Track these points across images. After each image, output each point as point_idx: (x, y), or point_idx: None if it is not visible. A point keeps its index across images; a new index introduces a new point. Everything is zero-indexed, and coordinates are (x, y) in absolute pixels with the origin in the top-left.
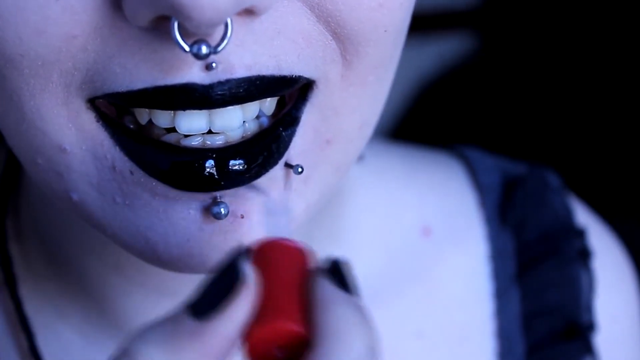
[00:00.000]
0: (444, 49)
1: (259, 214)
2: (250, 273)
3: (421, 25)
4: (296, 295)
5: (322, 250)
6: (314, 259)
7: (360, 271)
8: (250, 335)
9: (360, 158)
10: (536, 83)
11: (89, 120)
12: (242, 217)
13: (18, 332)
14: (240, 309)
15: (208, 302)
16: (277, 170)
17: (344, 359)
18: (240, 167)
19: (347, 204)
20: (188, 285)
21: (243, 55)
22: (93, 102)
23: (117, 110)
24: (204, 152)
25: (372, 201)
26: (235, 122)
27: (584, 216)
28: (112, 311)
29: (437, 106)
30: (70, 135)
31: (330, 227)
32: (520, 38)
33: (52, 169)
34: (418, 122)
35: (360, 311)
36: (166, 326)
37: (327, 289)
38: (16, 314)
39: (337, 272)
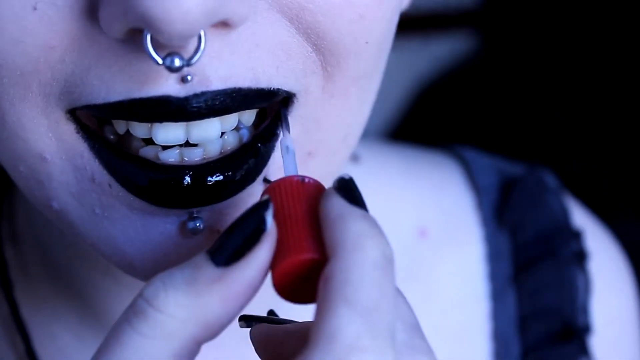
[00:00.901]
0: (445, 49)
1: None
2: (271, 221)
3: (422, 25)
4: (310, 225)
5: None
6: (323, 187)
7: None
8: (272, 274)
9: (357, 158)
10: (537, 83)
11: (69, 131)
12: (219, 232)
13: (14, 335)
14: (262, 255)
15: (231, 250)
16: (256, 186)
17: (360, 266)
18: (217, 184)
19: None
20: None
21: (219, 67)
22: (73, 113)
23: (97, 120)
24: (182, 169)
25: (368, 202)
26: (213, 133)
27: (581, 217)
28: (105, 313)
29: (437, 107)
30: (50, 145)
31: None
32: (520, 38)
33: (33, 177)
34: (418, 122)
35: (372, 222)
36: (186, 271)
37: (337, 206)
38: (12, 317)
39: (345, 188)
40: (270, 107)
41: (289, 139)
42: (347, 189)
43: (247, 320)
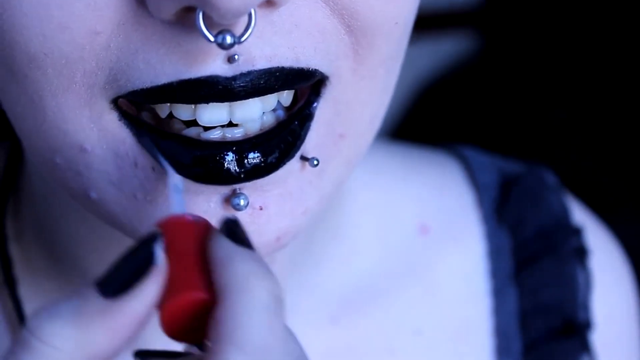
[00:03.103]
0: (446, 49)
1: (276, 205)
2: (161, 255)
3: (423, 24)
4: (198, 265)
5: (322, 248)
6: (212, 227)
7: (358, 269)
8: (160, 312)
9: None
10: (537, 83)
11: (111, 120)
12: (261, 208)
13: (17, 333)
14: (150, 289)
15: (119, 282)
16: (294, 163)
17: (249, 309)
18: (258, 160)
19: (347, 202)
20: None
21: (263, 47)
22: (116, 102)
23: (136, 107)
24: (224, 145)
25: (370, 200)
26: (255, 113)
27: (580, 214)
28: None
29: (438, 106)
30: (91, 136)
31: (330, 226)
32: (521, 38)
33: (71, 168)
34: (420, 121)
35: (260, 262)
36: (72, 303)
37: (223, 247)
38: (16, 314)
39: (231, 230)
40: (303, 90)
41: (177, 177)
42: (233, 230)
43: (143, 356)
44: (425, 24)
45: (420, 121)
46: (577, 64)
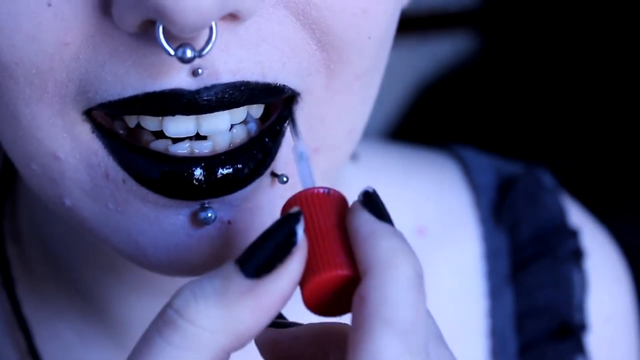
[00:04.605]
0: (445, 48)
1: (245, 219)
2: (302, 234)
3: (422, 25)
4: (339, 239)
5: None
6: (346, 199)
7: None
8: (303, 289)
9: (356, 157)
10: (537, 83)
11: (84, 132)
12: (229, 222)
13: (16, 332)
14: (294, 268)
15: (261, 262)
16: (264, 179)
17: (396, 285)
18: (227, 176)
19: None
20: (181, 284)
21: (227, 60)
22: (89, 114)
23: (109, 117)
24: (192, 161)
25: None
26: (222, 125)
27: (578, 216)
28: (108, 311)
29: (437, 106)
30: (64, 145)
31: None
32: (521, 38)
33: (46, 175)
34: (419, 122)
35: (403, 239)
36: (216, 282)
37: (367, 222)
38: (14, 314)
39: (372, 203)
40: (276, 104)
41: (302, 145)
42: (374, 204)
43: (280, 326)
44: (425, 24)
45: (419, 121)
46: (576, 65)
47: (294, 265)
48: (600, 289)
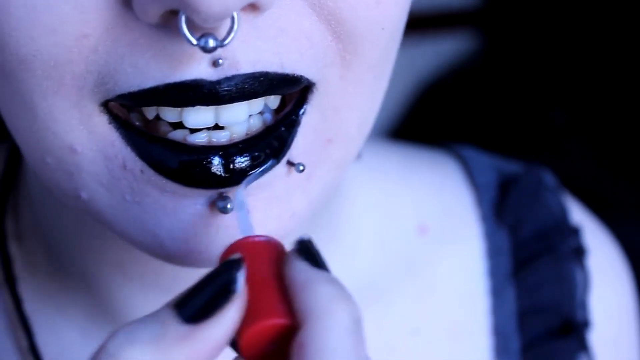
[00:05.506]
0: (446, 48)
1: (263, 209)
2: (242, 281)
3: (424, 24)
4: (276, 288)
5: (321, 248)
6: (283, 248)
7: (358, 269)
8: (239, 338)
9: (358, 157)
10: (538, 83)
11: (100, 123)
12: (247, 212)
13: (18, 331)
14: (231, 316)
15: (199, 307)
16: (280, 168)
17: (333, 333)
18: (245, 165)
19: (345, 203)
20: (187, 282)
21: (247, 51)
22: (106, 105)
23: (125, 109)
24: (211, 150)
25: (369, 200)
26: (241, 116)
27: (579, 214)
28: (112, 308)
29: (439, 106)
30: (81, 137)
31: (329, 227)
32: (522, 38)
33: (61, 168)
34: (420, 121)
35: (339, 285)
36: (152, 327)
37: (302, 271)
38: (16, 313)
39: (307, 251)
40: (291, 94)
41: (242, 194)
42: (309, 252)
43: None
44: (426, 24)
45: (420, 121)
46: (577, 64)
47: (232, 313)
48: (602, 287)
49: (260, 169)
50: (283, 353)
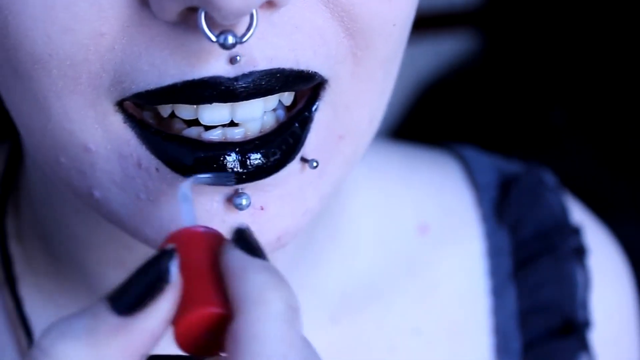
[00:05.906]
0: (446, 48)
1: (277, 205)
2: (175, 271)
3: (423, 24)
4: (211, 277)
5: (322, 248)
6: (223, 238)
7: (358, 269)
8: (174, 327)
9: None
10: (539, 83)
11: (116, 122)
12: (262, 208)
13: (18, 331)
14: (165, 306)
15: (133, 299)
16: (294, 164)
17: (264, 320)
18: (260, 161)
19: (346, 202)
20: None
21: (264, 48)
22: (121, 104)
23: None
24: (227, 146)
25: (370, 200)
26: (257, 112)
27: (579, 214)
28: None
29: (439, 106)
30: (96, 136)
31: (329, 227)
32: (522, 38)
33: (75, 167)
34: (420, 121)
35: (273, 272)
36: (85, 321)
37: (236, 259)
38: (16, 313)
39: (243, 239)
40: (303, 91)
41: (188, 188)
42: (245, 240)
43: None
44: (426, 24)
45: (420, 121)
46: (578, 64)
47: (165, 304)
48: (602, 286)
49: (209, 174)
50: (219, 342)
